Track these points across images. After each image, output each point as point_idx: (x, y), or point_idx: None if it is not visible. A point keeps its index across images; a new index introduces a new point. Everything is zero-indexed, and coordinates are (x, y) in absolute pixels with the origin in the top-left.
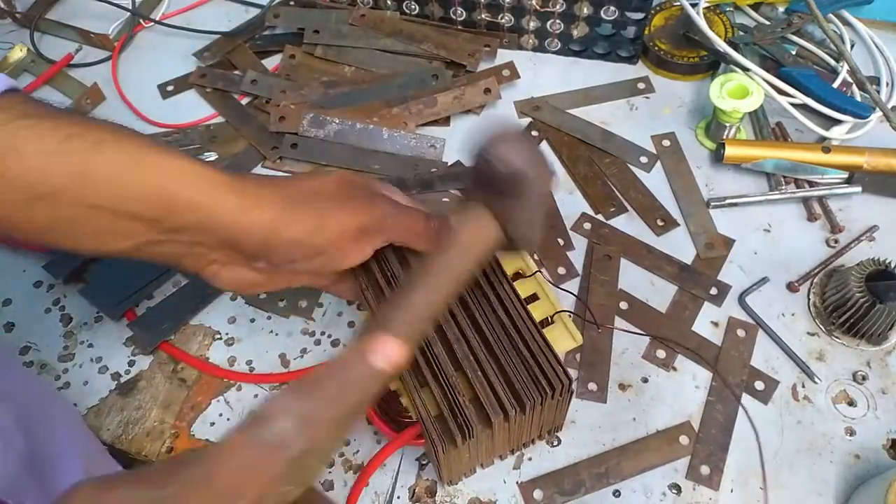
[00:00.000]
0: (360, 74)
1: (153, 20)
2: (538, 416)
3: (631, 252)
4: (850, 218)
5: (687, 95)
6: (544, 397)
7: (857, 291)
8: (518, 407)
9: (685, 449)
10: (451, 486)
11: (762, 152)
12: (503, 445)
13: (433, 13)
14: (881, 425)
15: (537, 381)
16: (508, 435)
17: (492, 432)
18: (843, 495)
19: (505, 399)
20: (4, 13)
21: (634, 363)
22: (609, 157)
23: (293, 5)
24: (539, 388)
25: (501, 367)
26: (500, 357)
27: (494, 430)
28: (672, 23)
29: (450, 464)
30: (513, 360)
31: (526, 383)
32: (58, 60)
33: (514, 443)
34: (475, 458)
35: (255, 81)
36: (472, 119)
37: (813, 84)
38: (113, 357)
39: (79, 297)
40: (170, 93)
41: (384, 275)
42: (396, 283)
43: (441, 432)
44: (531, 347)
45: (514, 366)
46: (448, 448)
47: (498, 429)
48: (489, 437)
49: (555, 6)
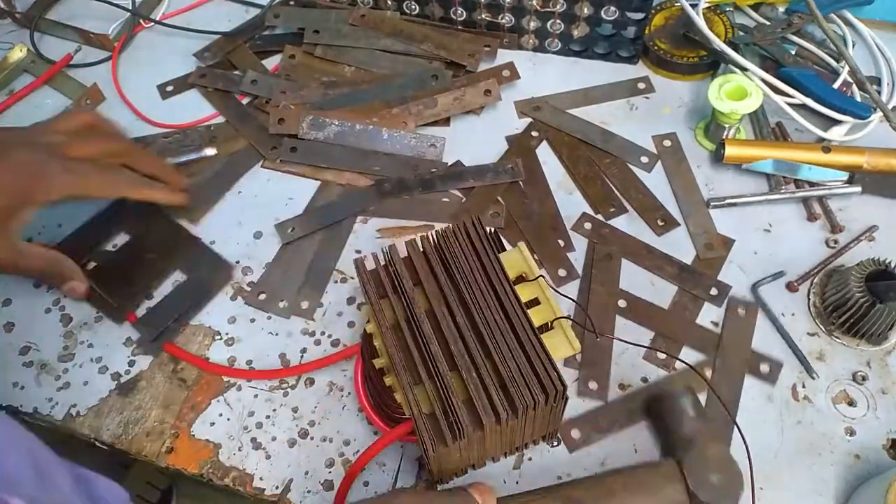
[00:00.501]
0: (359, 74)
1: (153, 20)
2: (531, 421)
3: (631, 252)
4: (850, 218)
5: (687, 95)
6: (537, 402)
7: (857, 291)
8: (511, 411)
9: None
10: (440, 484)
11: (762, 152)
12: (495, 448)
13: (433, 13)
14: (881, 425)
15: (532, 386)
16: (500, 438)
17: (483, 434)
18: (843, 495)
19: (498, 402)
20: (4, 13)
21: (635, 364)
22: (609, 157)
23: (293, 5)
24: (533, 393)
25: (497, 369)
26: (496, 359)
27: (486, 433)
28: (672, 23)
29: (440, 462)
30: (508, 363)
31: (520, 387)
32: (57, 61)
33: (507, 446)
34: (466, 458)
35: (255, 81)
36: (473, 120)
37: (813, 84)
38: (113, 357)
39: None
40: (169, 93)
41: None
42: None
43: (432, 431)
44: (528, 352)
45: (509, 369)
46: (438, 447)
47: (489, 431)
48: (480, 439)
49: (555, 6)
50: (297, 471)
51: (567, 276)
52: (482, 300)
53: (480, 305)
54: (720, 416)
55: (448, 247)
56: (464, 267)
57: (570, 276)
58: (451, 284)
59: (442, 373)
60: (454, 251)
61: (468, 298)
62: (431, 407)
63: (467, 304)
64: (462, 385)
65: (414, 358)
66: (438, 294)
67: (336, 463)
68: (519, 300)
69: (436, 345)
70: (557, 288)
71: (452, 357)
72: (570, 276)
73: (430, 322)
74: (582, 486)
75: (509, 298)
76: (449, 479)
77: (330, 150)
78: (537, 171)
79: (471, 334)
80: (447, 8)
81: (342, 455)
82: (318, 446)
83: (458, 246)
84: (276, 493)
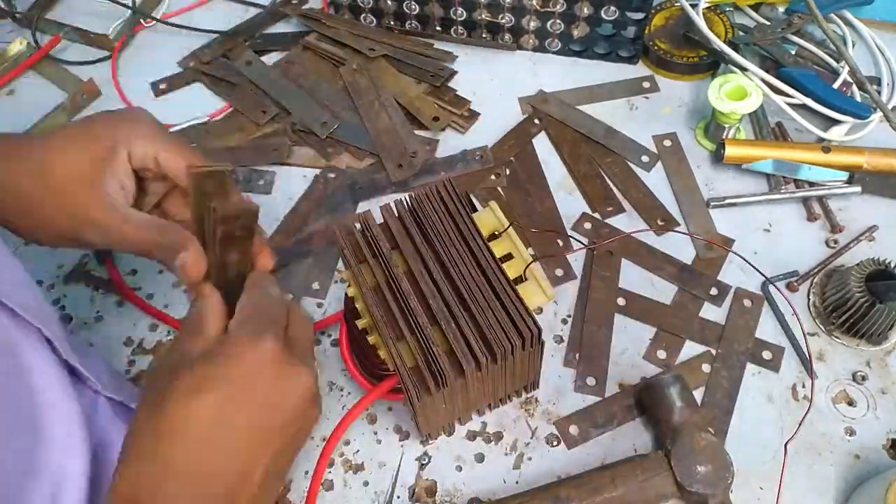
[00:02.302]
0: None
1: (155, 18)
2: (511, 368)
3: (631, 252)
4: (850, 218)
5: (687, 95)
6: (514, 346)
7: (856, 291)
8: (489, 356)
9: (705, 377)
10: (430, 441)
11: (762, 152)
12: (479, 398)
13: (433, 13)
14: (881, 425)
15: (508, 332)
16: (483, 387)
17: (465, 382)
18: (843, 495)
19: (477, 349)
20: (4, 13)
21: (635, 364)
22: (611, 155)
23: (295, 3)
24: (510, 338)
25: (475, 319)
26: (473, 311)
27: (468, 380)
28: (672, 23)
29: (426, 415)
30: (485, 313)
31: (497, 334)
32: (58, 58)
33: (490, 397)
34: (451, 411)
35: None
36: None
37: (813, 84)
38: (113, 357)
39: (79, 295)
40: (163, 90)
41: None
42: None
43: (416, 381)
44: (503, 301)
45: (486, 318)
46: (423, 396)
47: (471, 378)
48: (463, 386)
49: (555, 6)
50: (298, 470)
51: (565, 276)
52: (457, 257)
53: (456, 262)
54: (720, 407)
55: (422, 209)
56: (438, 227)
57: (568, 276)
58: (427, 244)
59: (422, 325)
60: (427, 213)
61: (444, 256)
62: (414, 360)
63: (443, 261)
64: (442, 337)
65: (395, 315)
66: (415, 254)
67: (336, 463)
68: (493, 254)
69: (415, 301)
70: (556, 287)
71: (432, 312)
72: (567, 275)
73: (409, 281)
74: (570, 484)
75: (483, 253)
76: (436, 434)
77: None
78: (537, 170)
79: (448, 289)
80: (447, 8)
81: (342, 455)
82: (318, 446)
83: (432, 207)
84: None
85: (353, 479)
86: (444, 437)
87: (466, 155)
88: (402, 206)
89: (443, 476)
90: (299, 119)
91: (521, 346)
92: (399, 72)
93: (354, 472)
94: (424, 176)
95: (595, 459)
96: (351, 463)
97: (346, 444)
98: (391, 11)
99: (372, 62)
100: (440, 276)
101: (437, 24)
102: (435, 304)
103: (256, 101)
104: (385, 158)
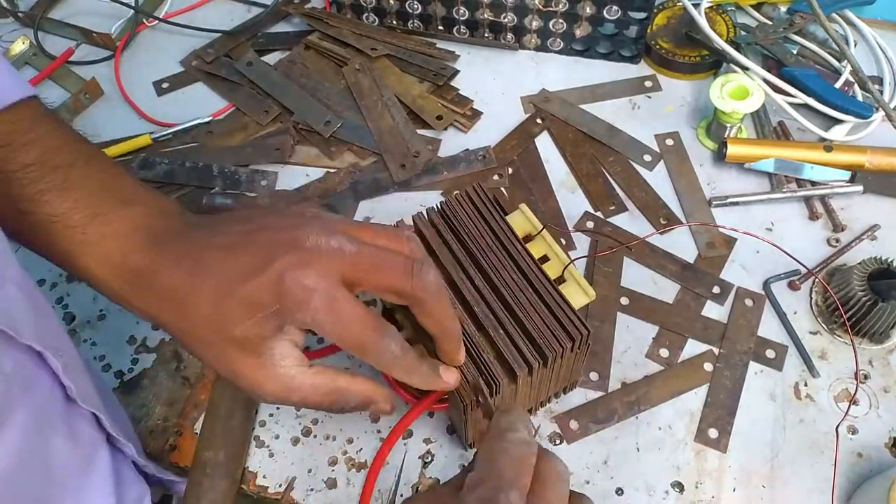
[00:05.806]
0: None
1: (157, 18)
2: (558, 370)
3: (634, 250)
4: (852, 217)
5: (689, 95)
6: (565, 349)
7: (859, 290)
8: (541, 359)
9: (707, 375)
10: (472, 448)
11: (764, 151)
12: (524, 401)
13: (436, 12)
14: (883, 424)
15: (557, 335)
16: (530, 390)
17: (516, 387)
18: (846, 494)
19: (528, 353)
20: (7, 12)
21: (638, 363)
22: (613, 154)
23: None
24: (560, 340)
25: (521, 323)
26: (519, 315)
27: (519, 385)
28: (674, 22)
29: (475, 423)
30: (532, 316)
31: (546, 337)
32: (59, 56)
33: (533, 400)
34: None
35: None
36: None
37: (815, 84)
38: (116, 355)
39: (82, 294)
40: (165, 90)
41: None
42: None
43: (471, 391)
44: (548, 303)
45: (533, 322)
46: (477, 405)
47: (522, 383)
48: (513, 392)
49: (557, 6)
50: (301, 468)
51: None
52: (497, 261)
53: (496, 266)
54: (723, 406)
55: (455, 216)
56: (474, 232)
57: None
58: (464, 250)
59: (470, 334)
60: (461, 219)
61: (483, 262)
62: (466, 368)
63: (483, 267)
64: (490, 343)
65: None
66: (453, 261)
67: (339, 461)
68: (532, 257)
69: (459, 308)
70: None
71: (478, 319)
72: None
73: (450, 289)
74: None
75: (522, 256)
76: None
77: None
78: (540, 169)
79: (492, 295)
80: (450, 7)
81: (345, 453)
82: (322, 444)
83: (465, 213)
84: (279, 492)
85: (357, 477)
86: (446, 436)
87: (469, 154)
88: (434, 213)
89: (446, 474)
90: (302, 118)
91: (571, 349)
92: (402, 71)
93: (358, 471)
94: (427, 175)
95: (598, 459)
96: (354, 461)
97: (350, 442)
98: (394, 11)
99: (374, 61)
100: (482, 283)
101: (440, 24)
102: (480, 310)
103: (259, 100)
104: (388, 158)
